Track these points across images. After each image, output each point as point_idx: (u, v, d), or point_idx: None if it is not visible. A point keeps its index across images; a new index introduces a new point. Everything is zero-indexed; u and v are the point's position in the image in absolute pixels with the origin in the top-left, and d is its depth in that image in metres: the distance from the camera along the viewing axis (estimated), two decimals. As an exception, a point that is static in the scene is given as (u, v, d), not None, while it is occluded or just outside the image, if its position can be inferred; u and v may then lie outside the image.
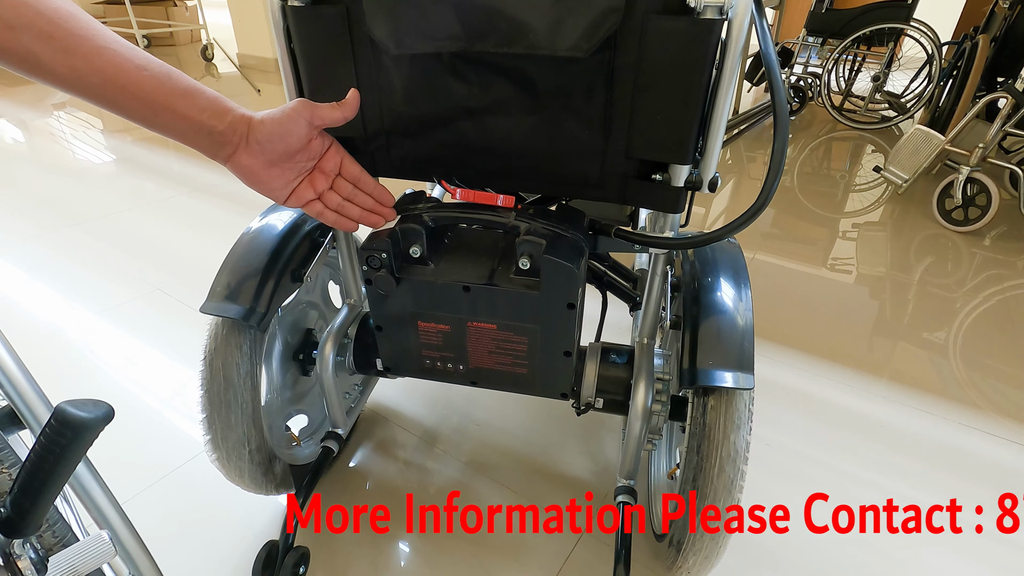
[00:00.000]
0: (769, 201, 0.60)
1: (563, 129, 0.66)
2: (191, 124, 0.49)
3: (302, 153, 0.56)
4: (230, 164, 0.52)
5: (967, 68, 2.44)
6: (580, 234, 0.69)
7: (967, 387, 1.30)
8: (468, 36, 0.61)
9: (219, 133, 0.50)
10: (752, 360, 0.66)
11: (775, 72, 0.60)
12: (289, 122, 0.53)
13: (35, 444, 0.33)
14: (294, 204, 0.58)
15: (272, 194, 0.56)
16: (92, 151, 2.64)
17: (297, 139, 0.54)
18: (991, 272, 1.81)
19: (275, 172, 0.55)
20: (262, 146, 0.52)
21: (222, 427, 0.75)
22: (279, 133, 0.52)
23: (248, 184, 0.55)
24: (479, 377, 0.79)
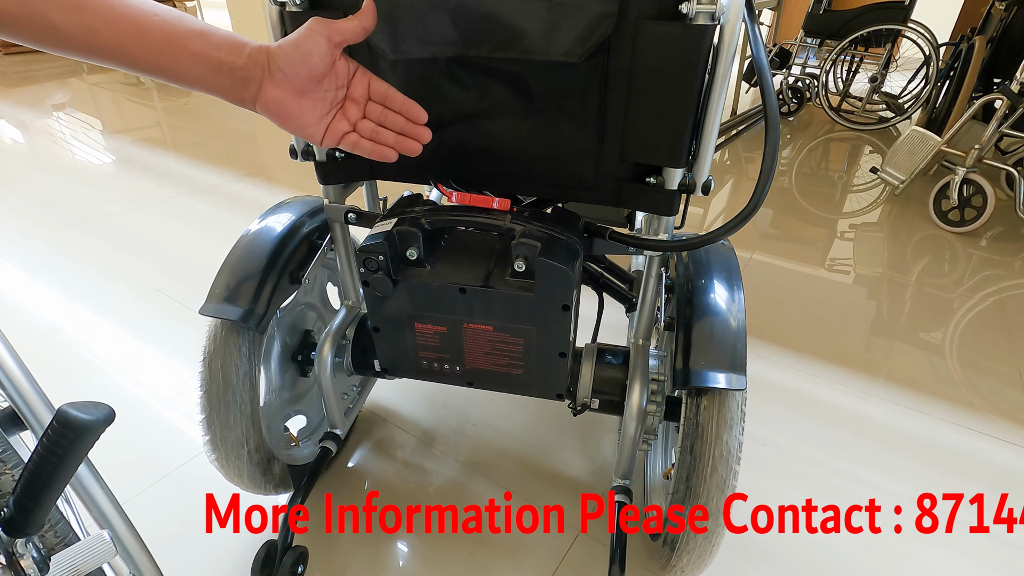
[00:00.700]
0: (760, 205, 0.61)
1: (558, 132, 0.67)
2: (210, 64, 0.47)
3: (329, 79, 0.53)
4: (259, 103, 0.50)
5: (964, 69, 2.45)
6: (575, 237, 0.70)
7: (963, 387, 1.31)
8: (464, 41, 0.62)
9: (240, 68, 0.48)
10: (744, 361, 0.66)
11: (766, 77, 0.61)
12: (307, 42, 0.50)
13: (37, 445, 0.33)
14: (331, 141, 0.55)
15: (308, 131, 0.54)
16: (92, 152, 2.64)
17: (319, 59, 0.50)
18: (987, 273, 1.82)
19: (306, 104, 0.52)
20: (286, 73, 0.49)
21: (221, 427, 0.76)
22: (300, 55, 0.50)
23: (281, 123, 0.52)
24: (476, 378, 0.79)
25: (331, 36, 0.51)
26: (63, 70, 4.34)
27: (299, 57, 0.50)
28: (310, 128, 0.53)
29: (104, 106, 3.44)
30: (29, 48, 4.81)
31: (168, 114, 3.30)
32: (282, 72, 0.49)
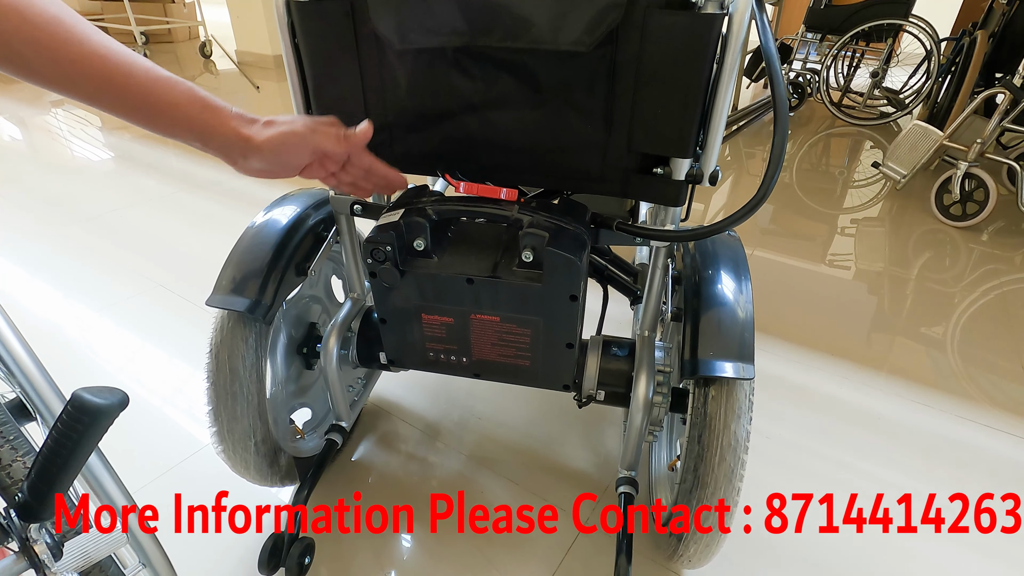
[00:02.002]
0: (770, 193, 0.61)
1: (565, 123, 0.67)
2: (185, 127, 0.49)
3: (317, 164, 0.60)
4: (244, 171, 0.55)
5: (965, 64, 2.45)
6: (582, 227, 0.69)
7: (965, 381, 1.31)
8: (472, 31, 0.62)
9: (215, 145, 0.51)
10: (752, 350, 0.66)
11: (775, 66, 0.61)
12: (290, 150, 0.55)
13: (52, 430, 0.33)
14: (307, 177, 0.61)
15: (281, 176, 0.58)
16: (91, 148, 2.64)
17: (298, 160, 0.56)
18: (989, 267, 1.82)
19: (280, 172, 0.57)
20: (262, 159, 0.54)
21: (228, 418, 0.76)
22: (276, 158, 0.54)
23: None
24: (482, 369, 0.79)
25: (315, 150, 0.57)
26: (62, 66, 4.32)
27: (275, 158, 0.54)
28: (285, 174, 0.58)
29: (103, 102, 3.43)
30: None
31: (168, 110, 3.29)
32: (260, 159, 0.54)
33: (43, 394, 0.54)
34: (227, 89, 3.74)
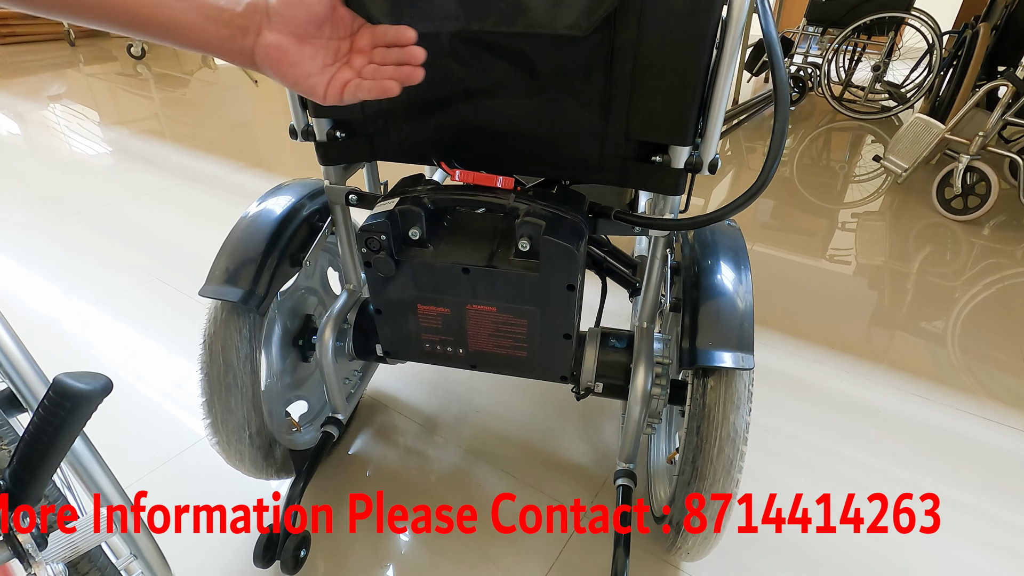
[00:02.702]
0: (770, 180, 0.60)
1: (562, 110, 0.66)
2: (207, 12, 0.45)
3: (330, 26, 0.50)
4: (258, 49, 0.47)
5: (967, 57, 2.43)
6: (580, 216, 0.69)
7: (965, 374, 1.30)
8: (467, 15, 0.60)
9: (238, 16, 0.46)
10: (752, 341, 0.66)
11: (776, 51, 0.60)
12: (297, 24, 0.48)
13: (34, 416, 0.33)
14: (334, 92, 0.51)
15: (309, 81, 0.50)
16: (89, 143, 2.62)
17: (318, 1, 0.48)
18: (990, 261, 1.81)
19: (307, 51, 0.49)
20: (284, 17, 0.47)
21: (222, 410, 0.75)
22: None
23: (282, 73, 0.49)
24: (479, 360, 0.79)
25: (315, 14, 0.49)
26: (59, 61, 4.31)
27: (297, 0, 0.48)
28: (312, 78, 0.50)
29: (101, 97, 3.42)
30: (25, 38, 4.77)
31: (165, 105, 3.28)
32: (280, 16, 0.47)
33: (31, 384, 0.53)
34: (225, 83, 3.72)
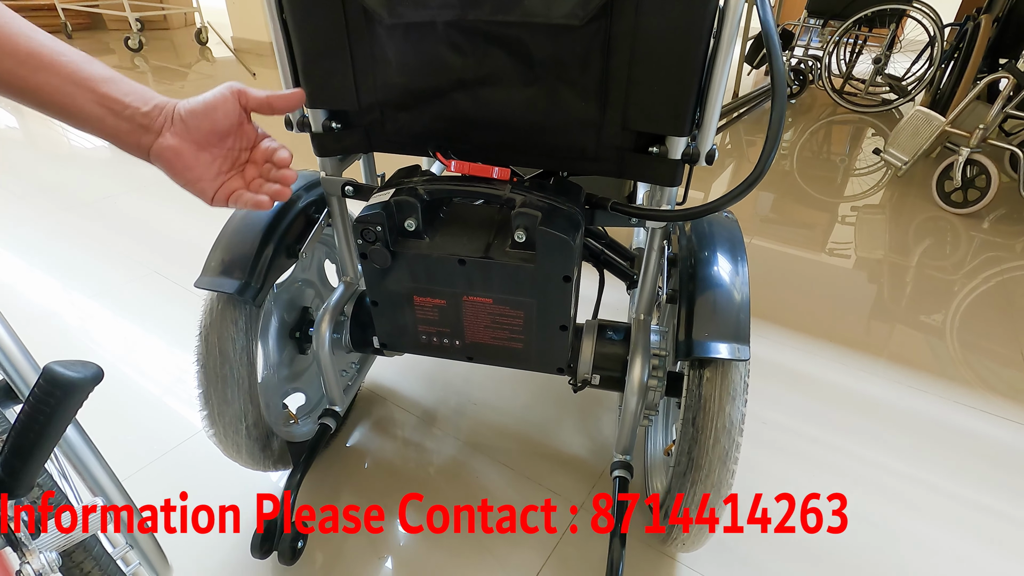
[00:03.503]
0: (766, 170, 0.60)
1: (559, 101, 0.65)
2: (112, 108, 0.45)
3: (235, 139, 0.53)
4: (155, 150, 0.48)
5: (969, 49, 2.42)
6: (576, 207, 0.68)
7: (964, 368, 1.30)
8: (462, 3, 0.60)
9: (142, 115, 0.47)
10: (748, 332, 0.66)
11: (774, 42, 0.59)
12: (216, 99, 0.50)
13: (24, 404, 0.32)
14: (221, 199, 0.53)
15: (200, 184, 0.51)
16: (86, 136, 2.61)
17: (225, 115, 0.50)
18: (989, 254, 1.81)
19: (204, 158, 0.51)
20: (187, 124, 0.49)
21: (218, 402, 0.75)
22: (205, 110, 0.50)
23: (174, 174, 0.50)
24: (475, 352, 0.79)
25: (240, 98, 0.51)
26: (56, 53, 4.28)
27: (204, 112, 0.49)
28: (203, 183, 0.52)
29: (98, 89, 3.40)
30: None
31: (163, 97, 3.26)
32: (184, 123, 0.49)
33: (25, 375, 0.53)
34: (223, 76, 3.70)
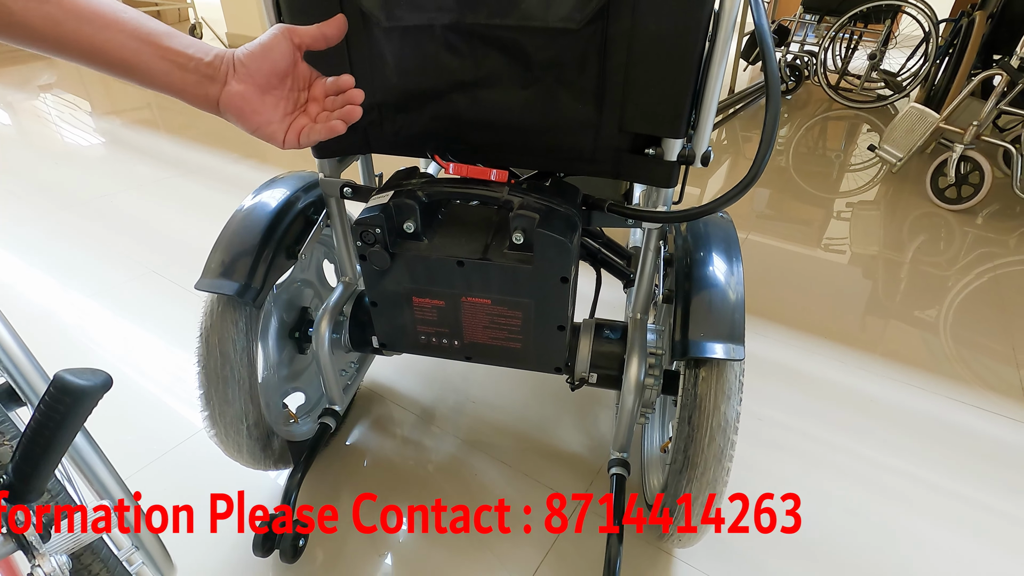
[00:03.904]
0: (761, 173, 0.60)
1: (556, 102, 0.66)
2: (176, 60, 0.47)
3: (291, 79, 0.55)
4: (224, 99, 0.50)
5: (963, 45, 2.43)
6: (574, 209, 0.69)
7: (957, 363, 1.32)
8: (460, 7, 0.60)
9: (206, 65, 0.48)
10: (743, 332, 0.66)
11: (768, 43, 0.60)
12: (270, 39, 0.52)
13: (35, 412, 0.33)
14: (292, 139, 0.55)
15: (270, 128, 0.54)
16: (82, 133, 2.60)
17: (281, 55, 0.52)
18: (983, 250, 1.83)
19: (269, 100, 0.53)
20: (248, 68, 0.50)
21: (219, 402, 0.76)
22: (262, 52, 0.51)
23: (244, 120, 0.52)
24: (474, 352, 0.79)
25: (292, 37, 0.53)
26: (49, 50, 4.25)
27: (262, 53, 0.51)
28: (272, 125, 0.54)
29: (92, 87, 3.38)
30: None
31: (159, 96, 3.25)
32: (245, 67, 0.50)
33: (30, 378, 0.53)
34: (218, 73, 3.68)
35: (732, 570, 0.86)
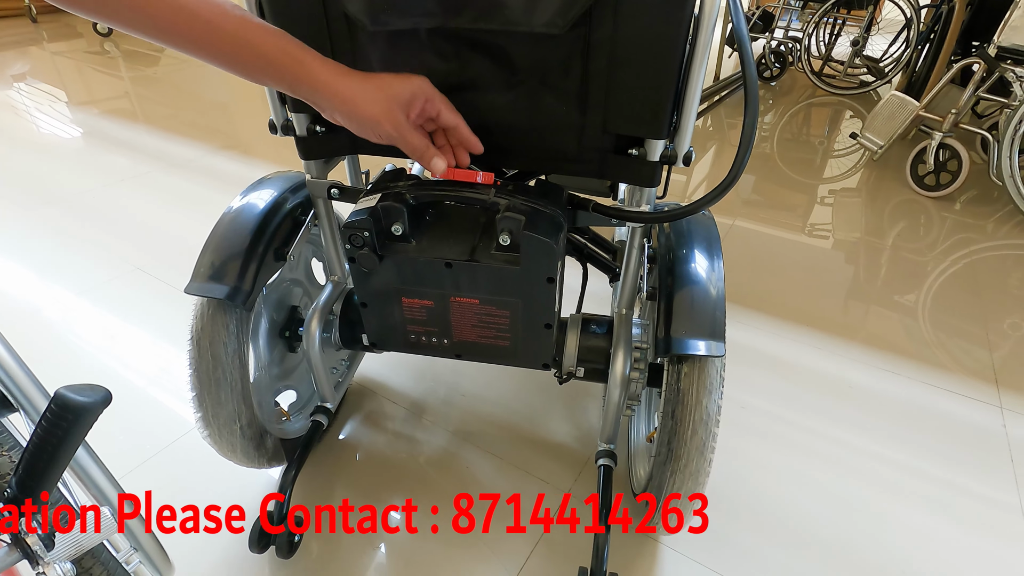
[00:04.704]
0: (739, 176, 0.62)
1: (540, 104, 0.67)
2: None
3: None
4: None
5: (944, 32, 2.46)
6: (559, 209, 0.70)
7: (935, 348, 1.36)
8: (444, 11, 0.61)
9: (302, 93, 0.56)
10: (723, 329, 0.69)
11: (746, 48, 0.61)
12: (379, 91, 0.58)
13: (36, 428, 0.34)
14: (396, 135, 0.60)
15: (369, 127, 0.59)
16: (59, 125, 2.55)
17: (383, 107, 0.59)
18: (960, 236, 1.87)
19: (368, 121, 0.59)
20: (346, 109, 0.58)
21: (212, 404, 0.76)
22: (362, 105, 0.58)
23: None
24: (463, 350, 0.81)
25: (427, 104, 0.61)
26: (21, 38, 4.14)
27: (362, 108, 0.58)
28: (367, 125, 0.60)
29: (68, 76, 3.30)
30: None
31: (136, 84, 3.19)
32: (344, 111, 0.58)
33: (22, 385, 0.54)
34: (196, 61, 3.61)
35: (715, 553, 0.89)
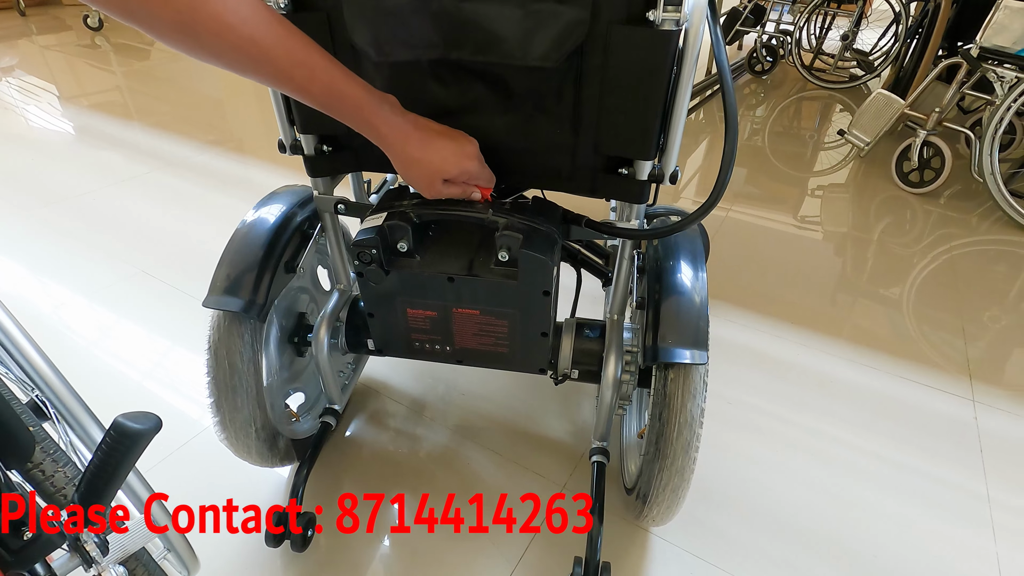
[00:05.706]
0: (721, 196, 0.67)
1: (536, 127, 0.71)
2: None
3: None
4: None
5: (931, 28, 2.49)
6: (554, 227, 0.75)
7: (916, 342, 1.42)
8: (445, 44, 0.65)
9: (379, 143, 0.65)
10: (707, 337, 0.74)
11: (726, 77, 0.65)
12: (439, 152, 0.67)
13: (97, 451, 0.39)
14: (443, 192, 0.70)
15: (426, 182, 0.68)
16: (51, 120, 2.55)
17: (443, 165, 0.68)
18: (943, 231, 1.93)
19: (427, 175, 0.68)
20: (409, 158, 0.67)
21: (229, 409, 0.81)
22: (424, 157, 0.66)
23: None
24: (464, 356, 0.86)
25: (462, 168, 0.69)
26: (9, 31, 4.10)
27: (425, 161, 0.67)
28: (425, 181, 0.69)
29: (58, 70, 3.29)
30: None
31: (127, 78, 3.18)
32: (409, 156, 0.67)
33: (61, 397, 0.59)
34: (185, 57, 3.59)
35: (705, 542, 0.95)
